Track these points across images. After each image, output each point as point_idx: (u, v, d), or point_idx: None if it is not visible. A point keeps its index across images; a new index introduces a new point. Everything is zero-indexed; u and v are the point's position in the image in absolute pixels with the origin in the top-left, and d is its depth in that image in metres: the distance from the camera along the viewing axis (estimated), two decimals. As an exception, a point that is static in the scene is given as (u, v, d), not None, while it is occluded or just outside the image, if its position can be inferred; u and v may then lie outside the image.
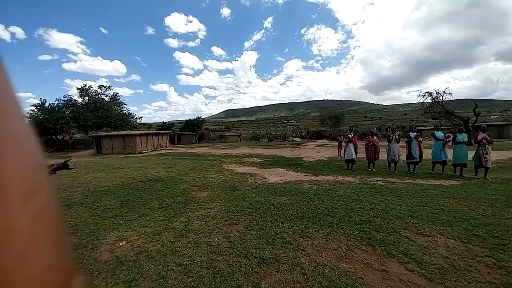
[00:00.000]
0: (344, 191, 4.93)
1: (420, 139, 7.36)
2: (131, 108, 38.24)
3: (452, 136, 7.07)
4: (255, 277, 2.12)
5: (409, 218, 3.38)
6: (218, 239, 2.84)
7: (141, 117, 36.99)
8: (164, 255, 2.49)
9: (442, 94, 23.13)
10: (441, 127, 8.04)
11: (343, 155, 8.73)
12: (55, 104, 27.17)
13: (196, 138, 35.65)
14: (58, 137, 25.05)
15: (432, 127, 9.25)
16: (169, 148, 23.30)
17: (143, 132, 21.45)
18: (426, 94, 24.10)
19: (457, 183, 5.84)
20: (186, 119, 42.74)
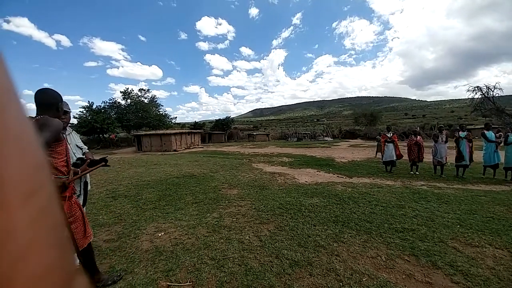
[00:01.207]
0: (383, 196, 4.57)
1: (471, 139, 6.55)
2: (167, 109, 41.23)
3: (503, 136, 6.16)
4: (287, 278, 2.07)
5: (458, 227, 3.08)
6: (249, 237, 2.86)
7: (176, 117, 39.46)
8: (199, 248, 2.59)
9: (492, 89, 20.33)
10: (492, 126, 7.01)
11: (381, 156, 8.13)
12: (102, 106, 30.46)
13: (226, 137, 36.77)
14: (104, 135, 28.05)
15: (482, 126, 8.11)
16: (200, 146, 24.44)
17: (177, 131, 22.81)
18: (476, 89, 21.34)
19: (508, 188, 5.16)
20: (216, 118, 44.35)
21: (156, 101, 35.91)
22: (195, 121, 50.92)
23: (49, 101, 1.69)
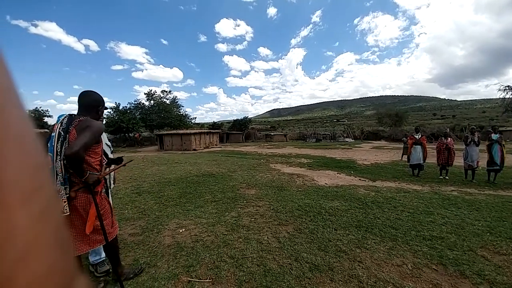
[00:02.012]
0: (409, 201, 4.33)
1: (503, 142, 6.09)
2: (187, 110, 42.46)
3: None
4: (307, 282, 2.03)
5: (487, 235, 2.92)
6: (267, 237, 2.85)
7: (195, 118, 40.63)
8: (218, 246, 2.63)
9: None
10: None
11: (407, 159, 7.70)
12: (127, 107, 32.25)
13: (243, 137, 37.09)
14: (130, 134, 29.67)
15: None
16: (218, 146, 24.90)
17: (197, 131, 23.48)
18: (507, 88, 19.41)
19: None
20: (234, 119, 44.90)
21: (177, 102, 37.24)
22: (213, 121, 52.08)
23: (91, 104, 1.80)
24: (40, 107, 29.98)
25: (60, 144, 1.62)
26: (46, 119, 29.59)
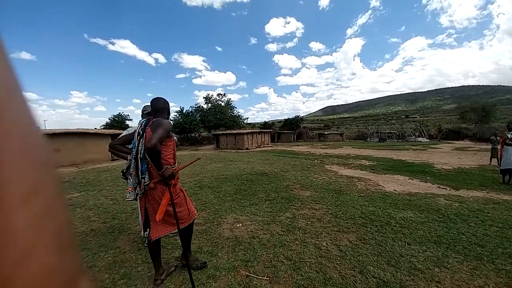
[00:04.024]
0: (499, 214, 3.51)
1: None
2: (240, 111, 44.36)
3: None
4: (375, 299, 1.80)
5: None
6: (326, 244, 2.68)
7: (247, 118, 42.18)
8: (274, 246, 2.64)
9: None
10: None
11: (497, 163, 6.13)
12: (189, 110, 36.13)
13: (295, 136, 36.41)
14: (191, 134, 33.15)
15: None
16: (270, 145, 25.21)
17: (249, 131, 24.37)
18: None
19: None
20: (285, 118, 44.51)
21: (231, 103, 39.50)
22: (264, 121, 53.01)
23: (161, 106, 2.13)
24: (123, 112, 36.79)
25: (139, 141, 1.95)
26: (127, 122, 35.94)
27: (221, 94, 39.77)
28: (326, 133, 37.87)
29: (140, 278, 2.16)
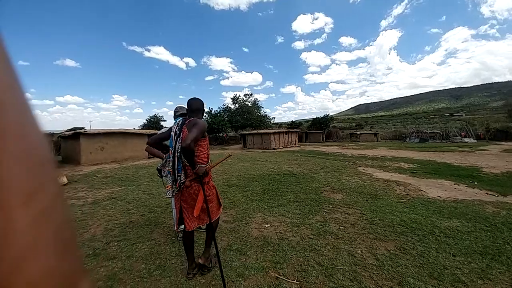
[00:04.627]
0: None
1: None
2: (266, 110, 44.31)
3: None
4: (420, 317, 1.62)
5: None
6: (361, 251, 2.51)
7: (274, 118, 42.03)
8: (304, 249, 2.55)
9: None
10: None
11: None
12: (217, 111, 37.28)
13: (324, 136, 35.14)
14: (219, 134, 34.20)
15: None
16: (297, 145, 24.73)
17: (276, 130, 24.23)
18: None
19: None
20: (313, 117, 43.15)
21: (257, 103, 39.78)
22: (291, 121, 52.15)
23: (197, 107, 2.20)
24: (157, 114, 39.39)
25: (176, 140, 2.02)
26: (162, 122, 38.44)
27: (248, 95, 40.30)
28: (358, 132, 35.78)
29: (173, 270, 2.26)
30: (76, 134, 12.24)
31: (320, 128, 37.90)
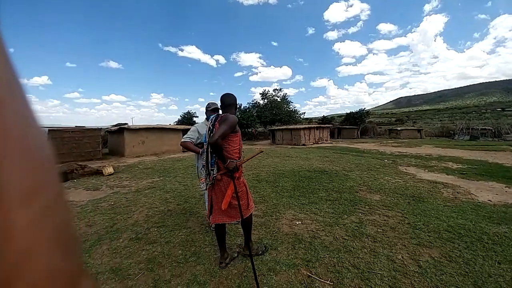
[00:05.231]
0: None
1: None
2: (296, 105, 43.21)
3: None
4: None
5: None
6: (402, 257, 2.30)
7: (304, 113, 40.88)
8: (338, 250, 2.43)
9: None
10: None
11: None
12: (247, 107, 37.57)
13: (358, 132, 32.99)
14: (248, 130, 34.58)
15: None
16: (329, 142, 23.73)
17: (306, 126, 23.53)
18: None
19: None
20: (346, 112, 40.73)
21: (287, 98, 39.07)
22: (323, 115, 49.96)
23: (230, 102, 2.23)
24: (190, 110, 41.27)
25: (209, 136, 2.07)
26: (194, 118, 40.29)
27: (277, 89, 39.81)
28: (399, 128, 32.71)
29: (207, 258, 2.37)
30: (121, 129, 13.58)
31: (354, 123, 35.58)
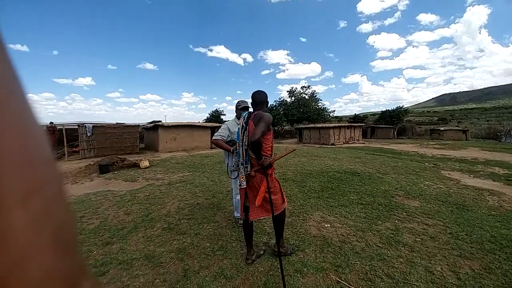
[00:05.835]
0: None
1: None
2: (325, 103, 41.55)
3: None
4: None
5: None
6: (441, 268, 2.08)
7: (334, 111, 39.07)
8: (371, 257, 2.28)
9: None
10: None
11: None
12: (273, 105, 37.20)
13: (395, 132, 30.53)
14: (275, 128, 34.31)
15: None
16: (361, 142, 22.43)
17: (335, 124, 22.52)
18: None
19: None
20: (381, 110, 37.80)
21: (315, 96, 37.78)
22: (354, 114, 47.21)
23: (261, 99, 2.22)
24: (218, 108, 42.25)
25: (243, 134, 2.09)
26: (222, 116, 41.27)
27: (305, 87, 38.72)
28: (441, 129, 29.51)
29: (234, 253, 2.41)
30: (155, 126, 14.58)
31: (390, 122, 32.91)
